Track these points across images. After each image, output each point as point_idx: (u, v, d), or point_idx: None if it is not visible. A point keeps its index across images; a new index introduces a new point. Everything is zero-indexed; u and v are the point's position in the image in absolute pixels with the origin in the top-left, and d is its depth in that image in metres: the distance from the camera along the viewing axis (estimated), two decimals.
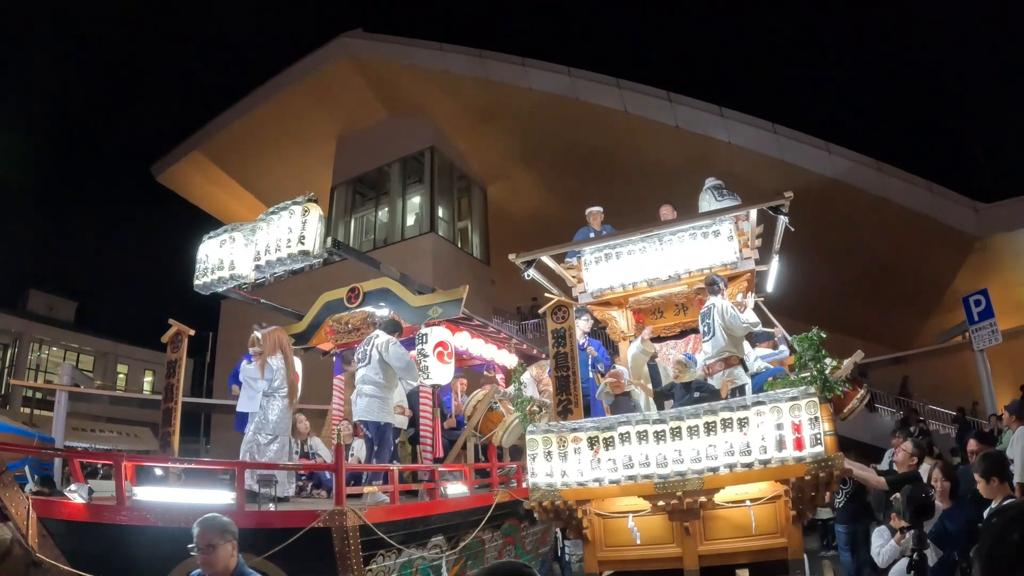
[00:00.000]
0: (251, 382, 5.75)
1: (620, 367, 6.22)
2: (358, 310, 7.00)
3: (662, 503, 4.44)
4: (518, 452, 7.15)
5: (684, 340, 6.63)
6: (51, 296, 28.22)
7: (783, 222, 5.36)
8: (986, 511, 3.37)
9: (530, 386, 7.25)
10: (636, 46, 43.58)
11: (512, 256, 5.99)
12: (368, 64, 17.74)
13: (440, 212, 17.68)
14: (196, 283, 5.98)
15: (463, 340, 6.99)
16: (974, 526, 3.60)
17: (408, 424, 6.87)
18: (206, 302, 8.02)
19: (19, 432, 9.91)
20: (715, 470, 4.32)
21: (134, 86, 49.01)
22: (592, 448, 4.58)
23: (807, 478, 4.14)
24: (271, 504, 4.72)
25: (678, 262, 5.75)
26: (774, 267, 6.31)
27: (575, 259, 6.39)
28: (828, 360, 4.52)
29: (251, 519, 4.32)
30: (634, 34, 45.86)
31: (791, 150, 14.58)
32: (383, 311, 6.76)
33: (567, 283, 6.68)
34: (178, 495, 4.78)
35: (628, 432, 4.51)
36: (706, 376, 5.49)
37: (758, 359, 5.79)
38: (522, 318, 18.75)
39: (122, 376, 28.71)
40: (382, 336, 6.02)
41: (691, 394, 5.41)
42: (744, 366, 5.41)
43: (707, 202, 6.40)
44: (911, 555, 3.79)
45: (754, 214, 5.68)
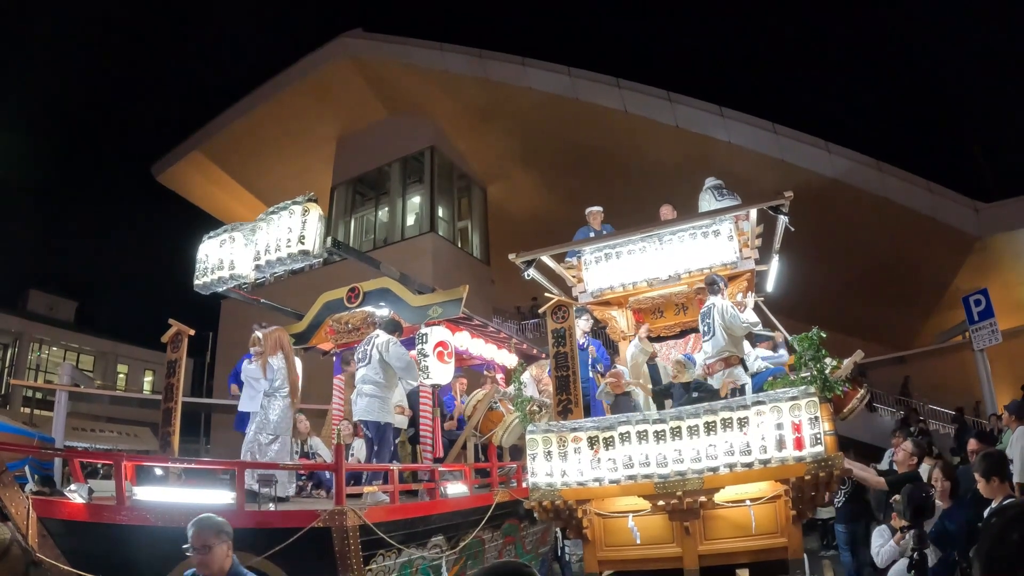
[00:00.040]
0: (253, 382, 5.76)
1: (620, 367, 6.22)
2: (358, 310, 7.00)
3: (662, 503, 4.45)
4: (518, 452, 7.15)
5: (684, 340, 6.63)
6: (51, 296, 28.21)
7: (783, 222, 5.36)
8: (986, 511, 3.37)
9: (530, 386, 7.25)
10: (636, 46, 43.60)
11: (512, 256, 5.99)
12: (368, 64, 17.74)
13: (440, 212, 17.67)
14: (196, 283, 5.99)
15: (463, 340, 6.99)
16: (974, 526, 3.60)
17: (408, 424, 6.87)
18: (206, 302, 8.03)
19: (19, 432, 9.90)
20: (715, 470, 4.33)
21: (134, 86, 49.07)
22: (592, 448, 4.58)
23: (807, 478, 4.15)
24: (271, 504, 4.72)
25: (678, 262, 5.75)
26: (774, 267, 6.31)
27: (575, 259, 6.39)
28: (828, 360, 4.52)
29: (251, 519, 4.33)
30: (634, 34, 45.88)
31: (791, 150, 14.57)
32: (383, 311, 6.76)
33: (567, 283, 6.68)
34: (178, 495, 4.79)
35: (628, 432, 4.51)
36: (706, 376, 5.49)
37: (758, 359, 5.79)
38: (522, 318, 18.74)
39: (122, 376, 28.71)
40: (382, 336, 6.02)
41: (690, 394, 5.42)
42: (744, 366, 5.41)
43: (707, 202, 6.40)
44: (911, 554, 3.79)
45: (754, 214, 5.68)
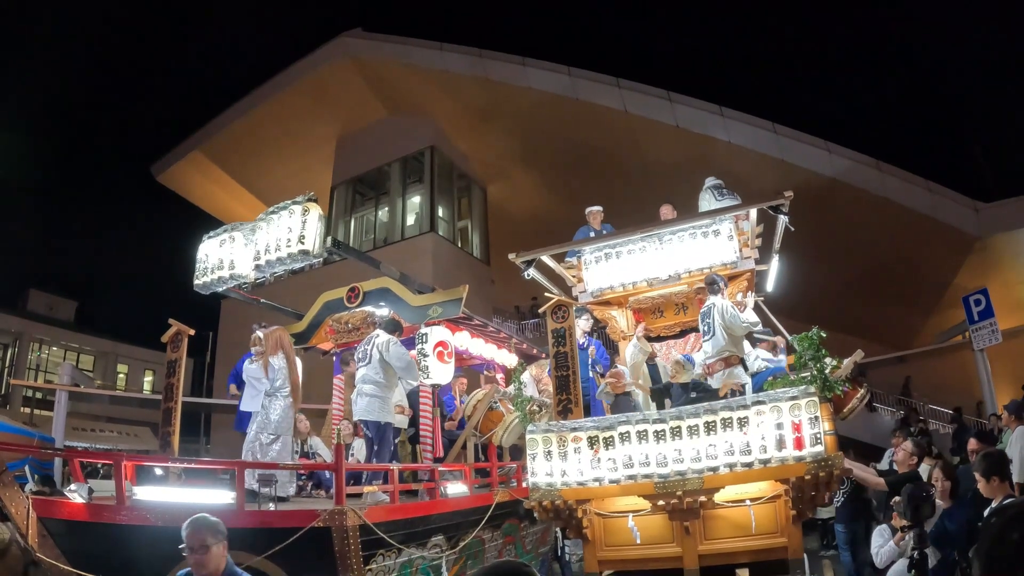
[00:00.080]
0: (254, 381, 5.77)
1: (621, 367, 6.22)
2: (358, 310, 7.00)
3: (662, 503, 4.45)
4: (518, 452, 7.15)
5: (684, 339, 6.63)
6: (51, 296, 28.21)
7: (783, 221, 5.36)
8: (986, 510, 3.37)
9: (530, 385, 7.24)
10: (636, 46, 43.58)
11: (512, 256, 5.98)
12: (368, 64, 17.73)
13: (440, 212, 17.67)
14: (196, 283, 5.98)
15: (463, 340, 6.99)
16: (974, 526, 3.60)
17: (408, 423, 6.86)
18: (206, 302, 8.02)
19: (19, 432, 9.90)
20: (715, 469, 4.33)
21: (134, 86, 49.06)
22: (592, 448, 4.58)
23: (807, 478, 4.15)
24: (271, 504, 4.72)
25: (678, 261, 5.75)
26: (774, 266, 6.30)
27: (575, 258, 6.39)
28: (828, 359, 4.52)
29: (251, 519, 4.33)
30: (634, 34, 45.85)
31: (791, 149, 14.57)
32: (383, 311, 6.76)
33: (567, 282, 6.68)
34: (178, 495, 4.79)
35: (628, 432, 4.51)
36: (706, 375, 5.49)
37: (758, 358, 5.79)
38: (521, 317, 18.74)
39: (122, 376, 28.71)
40: (383, 335, 6.02)
41: (688, 394, 5.42)
42: (744, 365, 5.41)
43: (707, 201, 6.40)
44: (912, 553, 3.80)
45: (754, 213, 5.68)
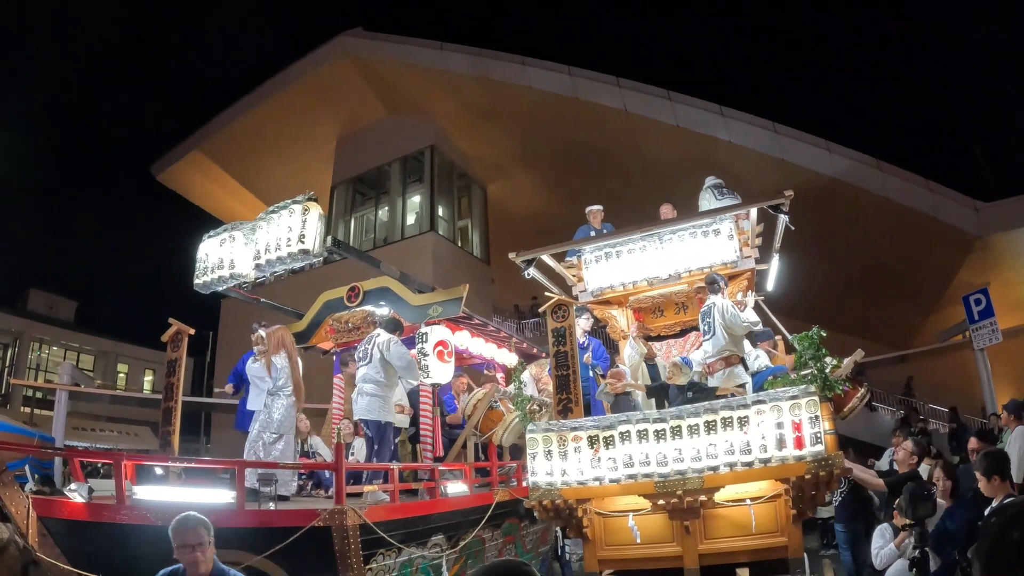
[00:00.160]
0: (257, 380, 5.78)
1: (621, 366, 6.21)
2: (358, 309, 7.00)
3: (662, 502, 4.44)
4: (518, 451, 7.15)
5: (683, 339, 6.62)
6: (51, 295, 28.23)
7: (783, 221, 5.35)
8: (987, 510, 3.37)
9: (529, 385, 7.24)
10: (636, 46, 43.59)
11: (512, 255, 5.98)
12: (368, 63, 17.72)
13: (440, 211, 17.67)
14: (196, 282, 5.98)
15: (463, 339, 6.99)
16: (974, 525, 3.60)
17: (409, 423, 6.86)
18: (206, 301, 8.01)
19: (19, 431, 9.90)
20: (715, 469, 4.32)
21: (134, 86, 49.07)
22: (592, 447, 4.58)
23: (807, 477, 4.14)
24: (271, 503, 4.72)
25: (678, 261, 5.74)
26: (774, 266, 6.30)
27: (575, 258, 6.38)
28: (828, 359, 4.52)
29: (251, 518, 4.33)
30: (634, 34, 45.86)
31: (791, 149, 14.56)
32: (383, 310, 6.76)
33: (567, 282, 6.67)
34: (178, 494, 4.78)
35: (628, 431, 4.51)
36: (707, 375, 5.48)
37: (758, 357, 5.78)
38: (521, 317, 18.74)
39: (122, 375, 28.72)
40: (383, 335, 6.02)
41: (684, 395, 5.41)
42: (744, 365, 5.41)
43: (707, 201, 6.39)
44: (913, 552, 3.80)
45: (754, 213, 5.67)
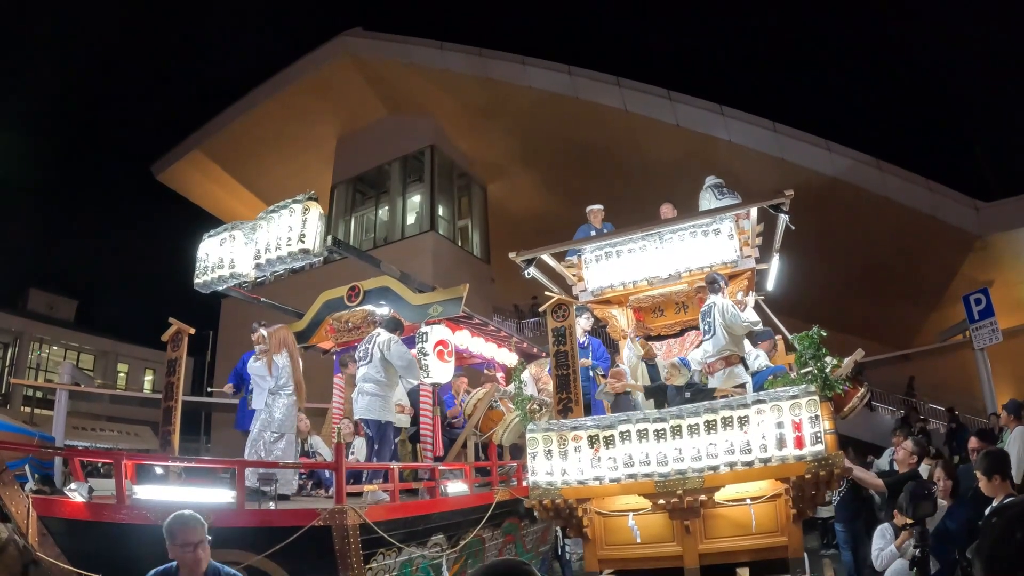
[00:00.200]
0: (259, 380, 5.79)
1: (622, 366, 6.21)
2: (358, 308, 6.99)
3: (662, 501, 4.44)
4: (518, 450, 7.15)
5: (682, 339, 6.62)
6: (51, 295, 28.23)
7: (783, 220, 5.34)
8: (987, 509, 3.37)
9: (529, 384, 7.24)
10: (636, 45, 43.54)
11: (512, 255, 5.97)
12: (368, 63, 17.72)
13: (440, 211, 17.66)
14: (196, 282, 5.98)
15: (463, 338, 6.99)
16: (974, 524, 3.60)
17: (411, 422, 6.86)
18: (206, 301, 8.01)
19: (19, 431, 9.90)
20: (715, 468, 4.32)
21: (134, 86, 49.06)
22: (592, 446, 4.58)
23: (807, 477, 4.14)
24: (271, 503, 4.71)
25: (678, 260, 5.73)
26: (774, 266, 6.30)
27: (575, 257, 6.37)
28: (828, 358, 4.51)
29: (251, 517, 4.32)
30: (634, 33, 45.81)
31: (791, 149, 14.56)
32: (383, 309, 6.76)
33: (567, 281, 6.67)
34: (178, 494, 4.79)
35: (628, 430, 4.51)
36: (707, 374, 5.48)
37: (758, 357, 5.78)
38: (520, 316, 18.73)
39: (122, 375, 28.71)
40: (384, 334, 6.01)
41: (682, 395, 5.41)
42: (745, 364, 5.41)
43: (707, 200, 6.38)
44: (914, 551, 3.80)
45: (754, 212, 5.67)
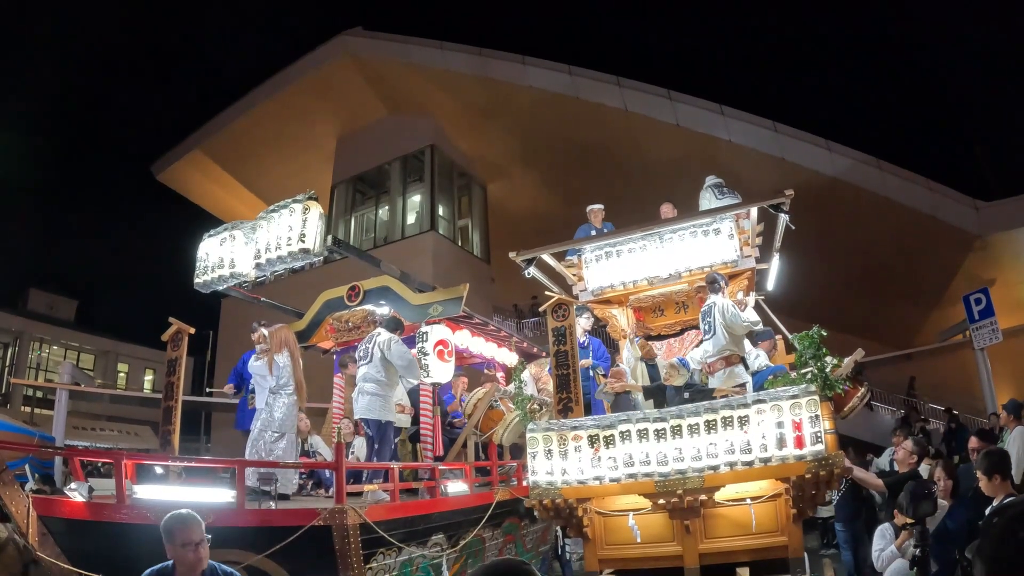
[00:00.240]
0: (259, 379, 5.79)
1: (622, 366, 6.21)
2: (358, 308, 6.99)
3: (662, 501, 4.44)
4: (518, 450, 7.15)
5: (682, 338, 6.61)
6: (51, 295, 28.24)
7: (784, 220, 5.34)
8: (987, 509, 3.37)
9: (529, 384, 7.23)
10: (636, 45, 43.58)
11: (513, 254, 5.97)
12: (368, 62, 17.71)
13: (440, 210, 17.66)
14: (196, 281, 5.98)
15: (463, 338, 6.99)
16: (975, 524, 3.60)
17: (411, 422, 6.86)
18: (206, 300, 8.02)
19: (20, 431, 9.90)
20: (715, 468, 4.32)
21: (134, 86, 49.07)
22: (592, 446, 4.58)
23: (808, 476, 4.14)
24: (271, 502, 4.71)
25: (679, 260, 5.73)
26: (775, 265, 6.29)
27: (576, 257, 6.37)
28: (828, 358, 4.51)
29: (251, 517, 4.32)
30: (634, 33, 45.83)
31: (791, 148, 14.56)
32: (383, 309, 6.76)
33: (568, 281, 6.67)
34: (178, 493, 4.79)
35: (628, 430, 4.51)
36: (707, 374, 5.48)
37: (758, 356, 5.78)
38: (520, 316, 18.72)
39: (122, 375, 28.72)
40: (384, 334, 6.01)
41: (681, 395, 5.42)
42: (745, 364, 5.40)
43: (707, 200, 6.38)
44: (915, 551, 3.80)
45: (755, 212, 5.66)
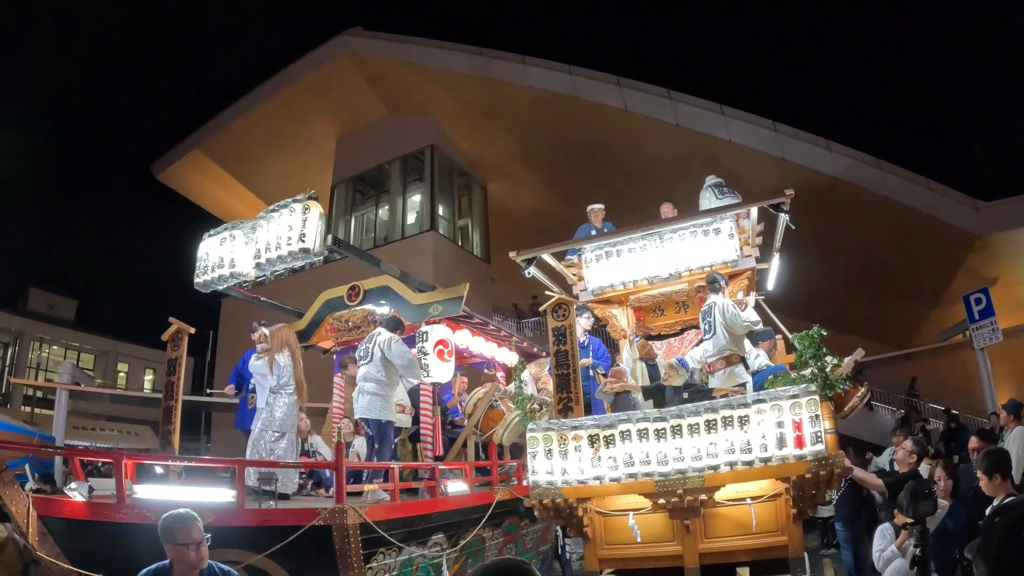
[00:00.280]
0: (261, 378, 5.78)
1: (622, 365, 6.21)
2: (358, 308, 6.99)
3: (663, 501, 4.44)
4: (518, 450, 7.15)
5: (682, 338, 6.61)
6: (51, 295, 28.23)
7: (784, 220, 5.33)
8: (988, 509, 3.37)
9: (529, 384, 7.23)
10: (636, 45, 43.54)
11: (513, 254, 5.97)
12: (368, 62, 17.71)
13: (440, 210, 17.66)
14: (196, 281, 5.97)
15: (463, 338, 6.99)
16: (975, 524, 3.61)
17: (412, 422, 6.86)
18: (206, 300, 8.01)
19: (20, 430, 9.89)
20: (716, 468, 4.32)
21: (134, 86, 49.06)
22: (592, 446, 4.58)
23: (808, 476, 4.14)
24: (271, 502, 4.71)
25: (679, 260, 5.72)
26: (775, 265, 6.29)
27: (576, 257, 6.37)
28: (828, 358, 4.51)
29: (252, 517, 4.32)
30: (634, 33, 45.81)
31: (791, 148, 14.56)
32: (383, 309, 6.76)
33: (568, 281, 6.66)
34: (178, 493, 4.79)
35: (629, 430, 4.50)
36: (707, 374, 5.48)
37: (759, 356, 5.78)
38: (520, 316, 18.72)
39: (122, 374, 28.71)
40: (384, 333, 6.01)
41: (680, 395, 5.41)
42: (745, 364, 5.40)
43: (707, 200, 6.37)
44: (915, 550, 3.80)
45: (755, 212, 5.66)
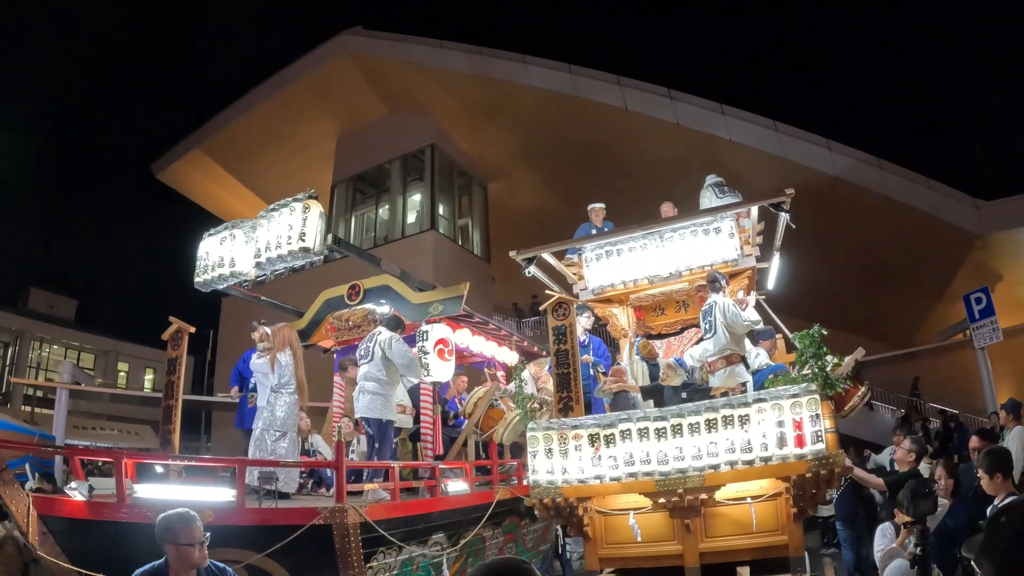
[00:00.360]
0: (262, 377, 5.78)
1: (623, 364, 6.21)
2: (359, 307, 6.99)
3: (663, 500, 4.44)
4: (519, 449, 7.15)
5: (682, 337, 6.61)
6: (52, 294, 28.26)
7: (784, 219, 5.33)
8: (989, 508, 3.37)
9: (529, 383, 7.23)
10: (637, 44, 43.57)
11: (513, 253, 5.97)
12: (368, 61, 17.71)
13: (440, 209, 17.66)
14: (196, 280, 5.97)
15: (463, 337, 6.98)
16: (975, 523, 3.61)
17: (413, 421, 6.86)
18: (207, 299, 8.03)
19: (20, 430, 9.90)
20: (716, 467, 4.32)
21: (134, 85, 49.07)
22: (593, 445, 4.58)
23: (808, 475, 4.14)
24: (272, 501, 4.71)
25: (679, 259, 5.73)
26: (775, 264, 6.29)
27: (576, 256, 6.37)
28: (829, 357, 4.51)
29: (252, 516, 4.32)
30: (635, 32, 45.81)
31: (792, 147, 14.56)
32: (384, 308, 6.75)
33: (568, 280, 6.66)
34: (179, 492, 4.78)
35: (629, 429, 4.50)
36: (708, 373, 5.48)
37: (759, 355, 5.78)
38: (520, 315, 18.72)
39: (123, 374, 28.72)
40: (385, 333, 6.01)
41: (679, 395, 5.41)
42: (745, 363, 5.40)
43: (708, 199, 6.37)
44: (915, 550, 3.80)
45: (755, 211, 5.66)
